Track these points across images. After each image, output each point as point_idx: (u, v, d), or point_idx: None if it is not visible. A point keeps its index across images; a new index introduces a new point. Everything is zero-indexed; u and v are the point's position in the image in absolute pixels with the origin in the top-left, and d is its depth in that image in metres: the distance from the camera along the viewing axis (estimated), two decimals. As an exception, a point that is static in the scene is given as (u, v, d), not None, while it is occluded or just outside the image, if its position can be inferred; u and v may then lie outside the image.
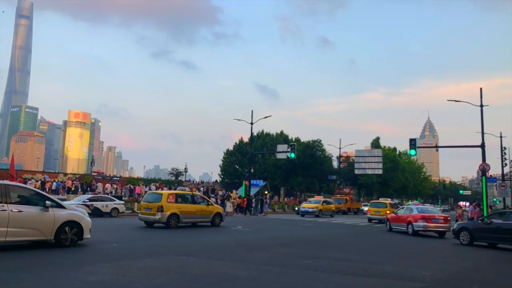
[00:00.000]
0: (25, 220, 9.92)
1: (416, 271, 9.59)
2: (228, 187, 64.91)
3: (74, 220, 11.01)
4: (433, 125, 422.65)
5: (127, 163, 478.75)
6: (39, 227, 10.22)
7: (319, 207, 36.89)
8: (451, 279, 9.04)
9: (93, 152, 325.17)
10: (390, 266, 10.29)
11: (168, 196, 19.24)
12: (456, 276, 9.44)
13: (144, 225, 19.26)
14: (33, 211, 10.17)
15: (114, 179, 58.40)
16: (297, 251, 12.37)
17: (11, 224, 9.62)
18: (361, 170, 59.46)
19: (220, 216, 21.33)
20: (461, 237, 17.21)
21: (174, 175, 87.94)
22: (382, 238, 18.90)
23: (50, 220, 10.42)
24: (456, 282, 8.69)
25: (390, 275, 8.91)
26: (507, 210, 20.85)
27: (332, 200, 43.51)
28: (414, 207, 23.61)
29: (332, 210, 39.00)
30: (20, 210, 9.86)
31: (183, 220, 19.30)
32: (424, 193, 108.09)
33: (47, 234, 10.41)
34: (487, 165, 28.70)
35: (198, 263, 9.50)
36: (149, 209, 18.89)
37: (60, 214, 10.71)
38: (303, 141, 75.28)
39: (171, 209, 18.66)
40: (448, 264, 11.51)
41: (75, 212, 11.33)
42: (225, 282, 7.39)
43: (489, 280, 9.21)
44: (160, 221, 18.53)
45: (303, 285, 7.43)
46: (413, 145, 32.16)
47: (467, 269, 10.86)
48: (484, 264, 12.18)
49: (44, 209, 10.34)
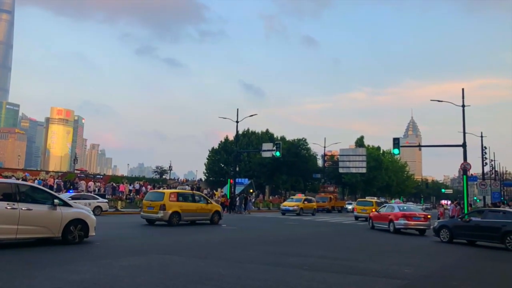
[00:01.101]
0: (34, 218, 10.24)
1: (398, 269, 9.70)
2: (213, 186, 64.72)
3: (80, 218, 11.36)
4: (416, 124, 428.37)
5: (110, 161, 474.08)
6: (47, 225, 10.56)
7: (300, 205, 36.75)
8: (432, 276, 9.17)
9: (76, 149, 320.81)
10: (373, 263, 10.38)
11: (170, 195, 19.81)
12: (437, 273, 9.58)
13: (146, 223, 19.81)
14: (42, 210, 10.51)
15: (98, 177, 57.67)
16: (281, 249, 12.39)
17: (21, 222, 9.94)
18: (345, 168, 60.00)
19: (219, 214, 21.84)
20: (441, 234, 17.54)
21: (158, 173, 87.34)
22: (365, 236, 19.08)
23: (57, 218, 10.78)
24: (438, 279, 8.82)
25: (373, 272, 8.99)
26: (485, 208, 21.29)
27: (313, 198, 43.56)
28: (396, 205, 23.99)
29: (313, 208, 38.99)
30: (30, 208, 10.17)
31: (184, 218, 19.80)
32: (407, 191, 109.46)
33: (55, 231, 10.76)
34: (468, 164, 29.21)
35: (181, 261, 9.44)
36: (151, 207, 19.46)
37: (67, 212, 11.07)
38: (288, 139, 75.55)
39: (173, 207, 19.25)
40: (429, 261, 11.68)
41: (81, 210, 11.76)
42: (208, 280, 7.35)
43: (469, 277, 9.37)
44: (162, 219, 19.01)
45: (287, 283, 7.44)
46: (396, 144, 32.54)
47: (448, 266, 11.04)
48: (464, 261, 12.40)
49: (52, 208, 10.69)
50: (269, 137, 75.02)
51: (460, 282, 8.58)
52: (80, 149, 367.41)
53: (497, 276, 9.90)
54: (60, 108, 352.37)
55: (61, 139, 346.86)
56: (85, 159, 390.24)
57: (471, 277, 9.36)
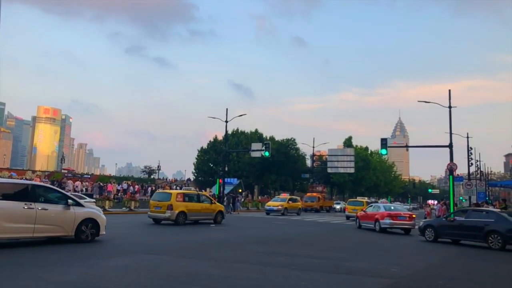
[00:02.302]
0: (49, 217, 10.74)
1: (385, 268, 9.81)
2: (202, 185, 64.59)
3: (92, 217, 11.84)
4: (404, 125, 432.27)
5: (98, 160, 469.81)
6: (61, 224, 11.06)
7: (285, 205, 36.22)
8: (418, 275, 9.28)
9: (64, 149, 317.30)
10: (361, 263, 10.47)
11: (177, 195, 20.62)
12: (424, 272, 9.70)
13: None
14: (57, 209, 11.01)
15: (85, 177, 57.19)
16: (270, 249, 12.43)
17: (38, 221, 10.42)
18: (333, 168, 60.27)
19: (222, 214, 22.56)
20: (426, 234, 17.80)
21: (147, 173, 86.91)
22: (352, 236, 19.23)
23: (71, 217, 11.27)
24: (424, 278, 8.93)
25: (361, 271, 9.07)
26: (469, 208, 21.61)
27: (298, 198, 43.17)
28: (382, 205, 24.41)
29: (298, 208, 38.48)
30: (45, 208, 10.65)
31: (189, 218, 20.52)
32: (394, 191, 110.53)
33: (68, 230, 11.25)
34: (454, 164, 29.55)
35: (170, 261, 9.41)
36: (159, 207, 20.24)
37: (80, 212, 11.55)
38: (278, 139, 75.75)
39: (180, 207, 20.01)
40: (415, 260, 11.82)
41: (92, 210, 12.26)
42: (197, 280, 7.35)
43: (454, 276, 9.50)
44: (169, 219, 19.77)
45: (275, 283, 7.47)
46: (384, 144, 32.76)
47: (434, 265, 11.18)
48: (449, 260, 12.56)
49: (66, 207, 11.20)
50: (259, 137, 75.10)
51: (446, 281, 8.69)
52: (67, 148, 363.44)
53: (482, 274, 10.05)
54: (47, 107, 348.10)
55: (48, 138, 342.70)
56: (73, 159, 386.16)
57: (456, 276, 9.50)
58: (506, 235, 15.01)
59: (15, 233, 10.23)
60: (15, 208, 10.13)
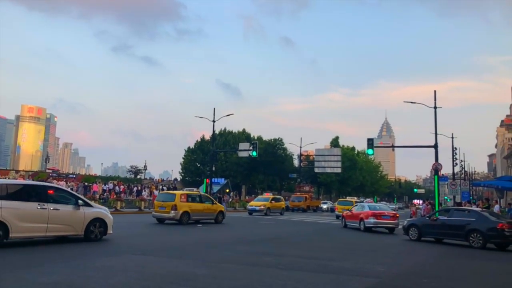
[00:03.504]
0: (61, 217, 11.26)
1: (371, 267, 9.90)
2: (189, 185, 64.29)
3: (100, 217, 12.38)
4: (390, 125, 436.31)
5: (84, 160, 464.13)
6: (72, 224, 11.58)
7: (267, 205, 35.51)
8: (404, 273, 9.40)
9: (48, 148, 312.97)
10: (347, 262, 10.56)
11: (180, 196, 21.48)
12: (408, 271, 9.83)
13: (156, 222, 21.19)
14: (68, 210, 11.52)
15: (70, 177, 56.56)
16: (257, 249, 12.45)
17: (50, 221, 10.94)
18: (320, 168, 60.58)
19: (222, 214, 23.32)
20: (410, 233, 18.05)
21: (133, 173, 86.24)
22: (338, 235, 19.38)
23: (81, 217, 11.79)
24: (409, 277, 9.05)
25: (347, 271, 9.15)
26: (451, 207, 21.99)
27: (281, 198, 42.81)
28: (366, 204, 24.71)
29: (281, 208, 37.83)
30: (57, 208, 11.16)
31: (192, 218, 21.28)
32: (380, 191, 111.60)
33: (78, 230, 11.76)
34: (439, 164, 29.96)
35: (157, 262, 9.37)
36: (163, 207, 20.95)
37: (89, 212, 12.09)
38: (265, 139, 75.86)
39: (184, 207, 20.79)
40: (401, 259, 11.97)
41: (100, 210, 12.86)
42: (184, 281, 7.33)
43: (439, 274, 9.64)
44: (174, 218, 20.47)
45: (263, 283, 7.48)
46: (370, 144, 33.04)
47: (419, 264, 11.33)
48: (433, 258, 12.73)
49: (76, 208, 11.72)
50: (246, 136, 75.12)
51: (430, 279, 8.82)
52: (52, 148, 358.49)
53: (465, 272, 10.22)
54: (31, 106, 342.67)
55: (32, 137, 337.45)
56: (58, 158, 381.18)
57: (440, 274, 9.64)
58: (487, 233, 15.34)
59: (29, 233, 10.69)
60: (29, 208, 10.61)
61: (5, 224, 10.07)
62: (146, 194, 38.20)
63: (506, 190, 29.82)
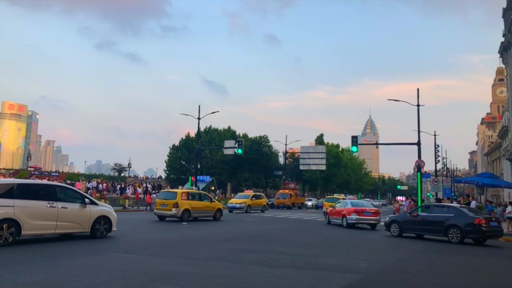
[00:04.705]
0: (69, 215, 11.80)
1: (355, 263, 10.02)
2: (174, 183, 63.96)
3: (105, 215, 12.91)
4: (374, 123, 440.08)
5: (67, 158, 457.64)
6: (79, 221, 12.13)
7: (248, 202, 35.13)
8: (387, 269, 9.55)
9: (30, 146, 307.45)
10: (331, 258, 10.66)
11: (181, 194, 22.43)
12: (391, 267, 9.99)
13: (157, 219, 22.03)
14: (75, 208, 12.06)
15: (53, 175, 55.62)
16: (242, 246, 12.48)
17: (59, 218, 11.48)
18: (305, 166, 60.87)
19: (220, 211, 24.37)
20: (392, 229, 18.34)
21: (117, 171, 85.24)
22: (323, 232, 19.54)
23: (87, 215, 12.33)
24: (391, 272, 9.20)
25: (331, 267, 9.24)
26: (431, 204, 22.39)
27: (263, 195, 42.46)
28: (349, 201, 25.03)
29: (263, 205, 37.38)
30: (65, 207, 11.68)
31: (193, 215, 22.26)
32: (364, 188, 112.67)
33: (85, 227, 12.32)
34: (422, 161, 30.38)
35: (141, 260, 9.31)
36: (165, 205, 21.88)
37: (95, 210, 12.64)
38: (251, 137, 75.84)
39: (184, 205, 21.74)
40: (383, 255, 12.13)
41: (105, 208, 13.40)
42: (169, 279, 7.30)
43: (421, 270, 9.81)
44: (175, 216, 21.38)
45: (247, 280, 7.51)
46: (355, 142, 33.33)
47: (400, 259, 11.52)
48: (415, 254, 12.97)
49: (83, 206, 12.26)
50: (231, 134, 74.99)
51: (412, 274, 8.99)
52: (34, 145, 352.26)
53: (445, 267, 10.41)
54: (12, 103, 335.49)
55: (13, 135, 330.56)
56: (40, 156, 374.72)
57: (422, 270, 9.81)
58: (465, 229, 15.74)
59: (40, 230, 11.24)
60: (40, 207, 11.10)
61: (18, 222, 10.56)
62: (130, 192, 37.83)
63: (486, 186, 30.30)
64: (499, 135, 74.56)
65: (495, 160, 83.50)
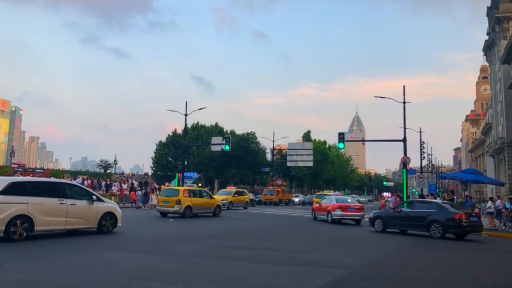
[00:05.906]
0: (78, 211, 12.31)
1: (341, 259, 10.12)
2: (161, 180, 63.60)
3: (111, 211, 13.45)
4: (360, 120, 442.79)
5: (51, 154, 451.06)
6: (87, 218, 12.64)
7: (230, 198, 34.47)
8: (372, 264, 9.65)
9: (13, 142, 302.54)
10: (317, 254, 10.74)
11: (183, 191, 23.12)
12: (377, 262, 10.11)
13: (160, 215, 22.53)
14: (83, 205, 12.59)
15: (37, 171, 54.92)
16: (229, 243, 12.48)
17: (69, 215, 11.97)
18: (293, 162, 61.03)
19: (220, 208, 25.02)
20: (376, 224, 18.61)
21: (103, 167, 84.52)
22: (309, 228, 19.67)
23: (94, 211, 12.84)
24: (377, 267, 9.30)
25: (318, 263, 9.31)
26: (414, 200, 22.76)
27: (245, 191, 42.05)
28: (334, 197, 25.36)
29: (245, 201, 36.92)
30: (74, 203, 12.18)
31: (194, 211, 22.75)
32: (351, 184, 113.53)
33: (92, 223, 12.82)
34: (408, 158, 30.72)
35: (126, 257, 9.26)
36: (167, 202, 22.55)
37: (101, 206, 13.16)
38: (238, 133, 75.68)
39: (186, 202, 22.43)
40: (368, 251, 12.26)
41: (111, 204, 14.04)
42: (155, 276, 7.27)
43: (406, 265, 9.95)
44: (178, 212, 22.02)
45: (234, 276, 7.52)
46: (341, 138, 33.50)
47: (386, 255, 11.66)
48: (399, 249, 13.14)
49: (90, 203, 12.79)
50: (219, 130, 74.72)
51: (398, 269, 9.11)
52: (17, 141, 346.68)
53: (429, 262, 10.57)
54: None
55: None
56: (23, 153, 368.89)
57: (406, 265, 9.95)
58: (446, 224, 16.07)
59: (51, 226, 11.73)
60: (51, 203, 11.59)
61: (31, 218, 11.02)
62: (116, 189, 37.49)
63: (470, 182, 30.84)
64: (483, 132, 75.82)
65: (478, 157, 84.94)
